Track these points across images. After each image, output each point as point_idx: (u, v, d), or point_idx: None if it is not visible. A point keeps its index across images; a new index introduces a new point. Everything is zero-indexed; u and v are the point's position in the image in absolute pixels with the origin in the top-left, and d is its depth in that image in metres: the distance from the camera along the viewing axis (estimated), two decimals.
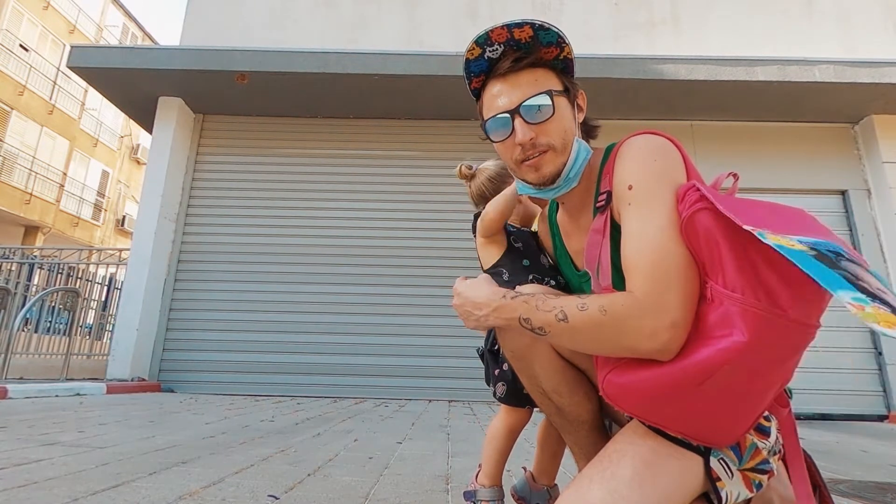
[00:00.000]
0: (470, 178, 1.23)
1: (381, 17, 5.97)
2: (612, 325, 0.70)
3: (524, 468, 1.20)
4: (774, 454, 0.76)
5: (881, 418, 4.73)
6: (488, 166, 1.21)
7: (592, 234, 0.84)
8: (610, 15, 5.96)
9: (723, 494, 0.72)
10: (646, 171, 0.78)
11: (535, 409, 1.06)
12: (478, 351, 1.20)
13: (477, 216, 1.18)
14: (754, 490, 0.74)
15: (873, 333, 4.95)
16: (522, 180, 0.91)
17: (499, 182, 1.17)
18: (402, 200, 5.48)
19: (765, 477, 0.75)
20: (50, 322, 6.38)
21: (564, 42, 0.86)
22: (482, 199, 1.19)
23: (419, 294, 5.19)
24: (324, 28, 5.92)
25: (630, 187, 0.78)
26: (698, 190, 0.72)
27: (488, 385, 1.11)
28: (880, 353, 4.87)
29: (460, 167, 1.24)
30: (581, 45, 5.51)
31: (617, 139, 0.90)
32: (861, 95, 5.03)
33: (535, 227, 1.18)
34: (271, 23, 5.93)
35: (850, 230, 5.25)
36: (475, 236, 1.20)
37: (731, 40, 5.68)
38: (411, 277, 5.25)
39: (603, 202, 0.83)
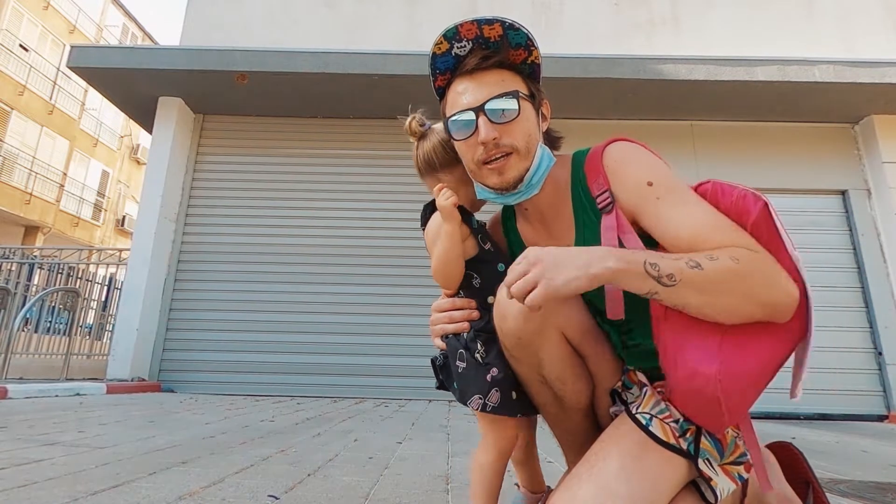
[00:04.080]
0: (420, 137, 0.99)
1: (381, 17, 5.97)
2: (750, 275, 0.68)
3: (516, 485, 1.11)
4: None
5: (881, 418, 4.73)
6: (443, 129, 0.95)
7: (606, 231, 0.82)
8: (610, 15, 5.95)
9: (717, 492, 0.74)
10: (657, 169, 0.81)
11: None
12: (434, 361, 1.00)
13: (426, 208, 1.00)
14: (738, 482, 0.76)
15: (873, 333, 4.95)
16: (482, 184, 0.89)
17: (454, 153, 0.93)
18: (402, 200, 5.48)
19: (741, 467, 0.76)
20: (50, 322, 6.38)
21: (533, 45, 0.85)
22: (429, 167, 0.97)
23: (419, 294, 5.18)
24: (324, 28, 5.91)
25: (650, 183, 0.79)
26: (736, 186, 0.79)
27: (464, 402, 0.90)
28: (880, 353, 4.87)
29: (411, 121, 0.99)
30: (581, 45, 5.51)
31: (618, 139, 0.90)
32: (861, 95, 5.02)
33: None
34: (271, 23, 5.93)
35: (850, 230, 5.25)
36: (423, 230, 1.00)
37: (731, 40, 5.68)
38: (411, 277, 5.25)
39: (608, 201, 0.82)
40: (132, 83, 5.30)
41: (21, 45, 15.46)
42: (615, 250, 0.70)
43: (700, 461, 0.74)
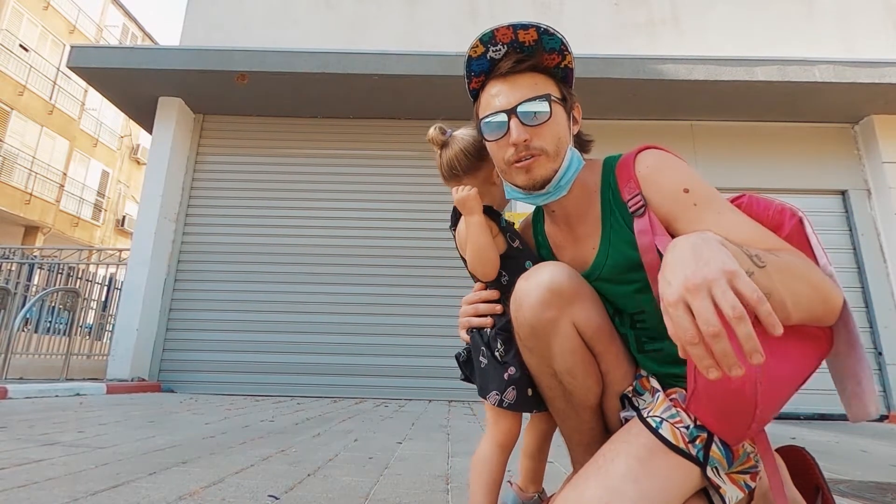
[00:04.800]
0: (442, 145, 1.02)
1: (381, 17, 5.97)
2: (815, 272, 0.69)
3: (509, 482, 1.09)
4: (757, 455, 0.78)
5: (881, 418, 4.73)
6: (464, 136, 1.00)
7: (640, 235, 0.83)
8: (610, 15, 5.96)
9: (726, 500, 0.74)
10: (692, 177, 0.83)
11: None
12: (457, 357, 1.04)
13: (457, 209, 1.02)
14: (745, 490, 0.76)
15: (873, 333, 4.95)
16: (511, 183, 0.91)
17: (475, 158, 0.98)
18: (402, 200, 5.48)
19: (748, 476, 0.76)
20: (50, 322, 6.38)
21: (567, 50, 0.87)
22: (452, 174, 1.01)
23: (419, 294, 5.19)
24: (324, 28, 5.92)
25: (686, 190, 0.81)
26: (772, 200, 0.81)
27: (483, 396, 0.95)
28: (880, 354, 4.87)
29: (432, 130, 1.02)
30: (581, 45, 5.51)
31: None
32: (861, 95, 5.02)
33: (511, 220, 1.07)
34: (271, 23, 5.93)
35: (850, 230, 5.25)
36: (453, 232, 1.03)
37: (731, 40, 5.68)
38: (410, 277, 5.25)
39: (640, 204, 0.84)
40: (132, 83, 5.30)
41: (21, 45, 15.45)
42: (709, 233, 0.64)
43: (708, 469, 0.74)
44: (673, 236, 0.81)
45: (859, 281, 5.11)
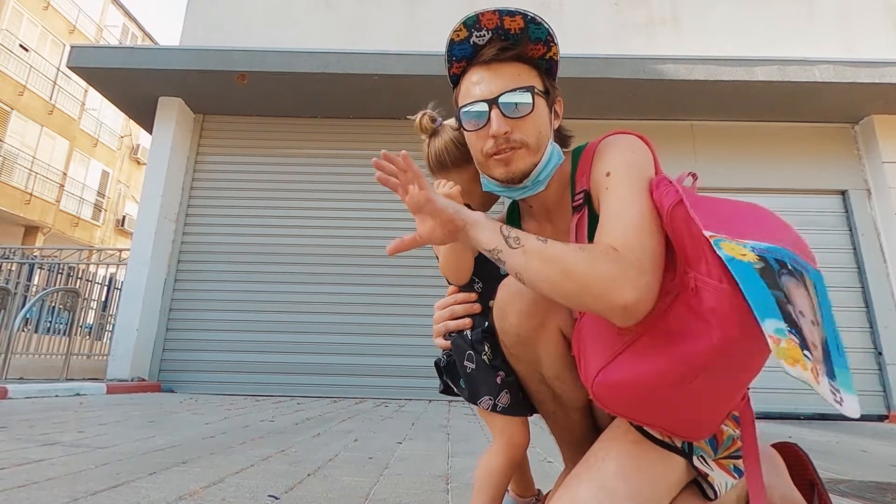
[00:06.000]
0: (431, 133, 0.97)
1: (381, 17, 5.97)
2: (589, 264, 0.65)
3: (507, 490, 1.07)
4: None
5: (881, 418, 4.73)
6: (456, 125, 0.93)
7: (570, 233, 0.83)
8: (610, 15, 5.96)
9: (716, 487, 0.74)
10: (622, 161, 0.79)
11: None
12: (437, 364, 0.99)
13: None
14: (735, 476, 0.76)
15: (873, 333, 4.95)
16: (489, 176, 0.88)
17: (466, 150, 0.92)
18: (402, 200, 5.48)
19: (739, 461, 0.76)
20: (50, 322, 6.39)
21: (553, 41, 0.84)
22: (440, 165, 0.97)
23: (419, 294, 5.18)
24: (324, 28, 5.92)
25: (608, 174, 0.78)
26: (671, 183, 0.72)
27: (474, 402, 0.91)
28: (880, 353, 4.87)
29: (421, 117, 0.97)
30: (581, 45, 5.51)
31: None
32: (861, 95, 5.03)
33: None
34: (271, 23, 5.94)
35: (850, 230, 5.25)
36: None
37: (731, 40, 5.68)
38: (411, 277, 5.25)
39: (580, 201, 0.82)
40: (132, 83, 5.30)
41: (21, 45, 15.45)
42: (483, 217, 0.77)
43: (694, 458, 0.74)
44: None
45: (859, 281, 5.11)
